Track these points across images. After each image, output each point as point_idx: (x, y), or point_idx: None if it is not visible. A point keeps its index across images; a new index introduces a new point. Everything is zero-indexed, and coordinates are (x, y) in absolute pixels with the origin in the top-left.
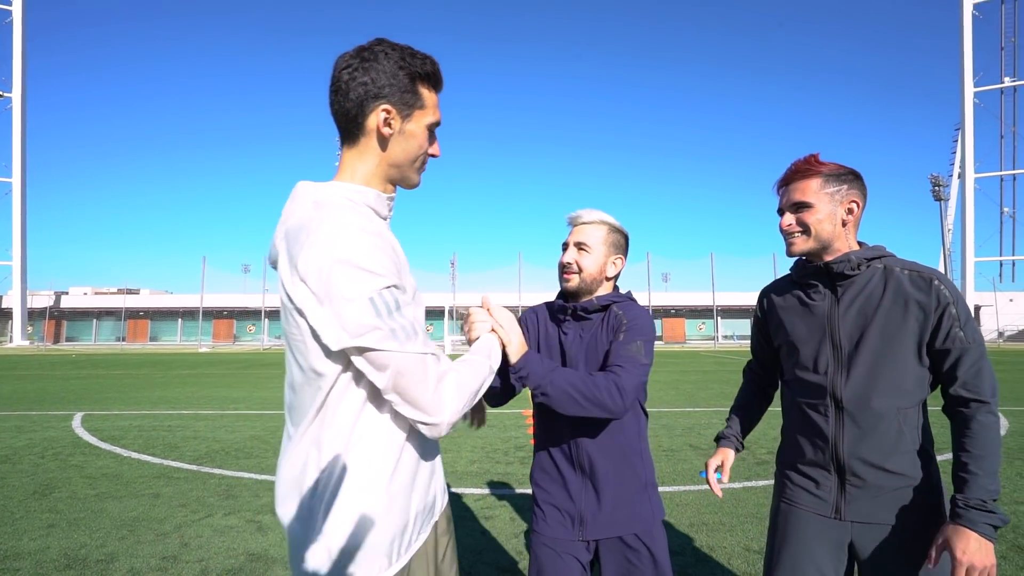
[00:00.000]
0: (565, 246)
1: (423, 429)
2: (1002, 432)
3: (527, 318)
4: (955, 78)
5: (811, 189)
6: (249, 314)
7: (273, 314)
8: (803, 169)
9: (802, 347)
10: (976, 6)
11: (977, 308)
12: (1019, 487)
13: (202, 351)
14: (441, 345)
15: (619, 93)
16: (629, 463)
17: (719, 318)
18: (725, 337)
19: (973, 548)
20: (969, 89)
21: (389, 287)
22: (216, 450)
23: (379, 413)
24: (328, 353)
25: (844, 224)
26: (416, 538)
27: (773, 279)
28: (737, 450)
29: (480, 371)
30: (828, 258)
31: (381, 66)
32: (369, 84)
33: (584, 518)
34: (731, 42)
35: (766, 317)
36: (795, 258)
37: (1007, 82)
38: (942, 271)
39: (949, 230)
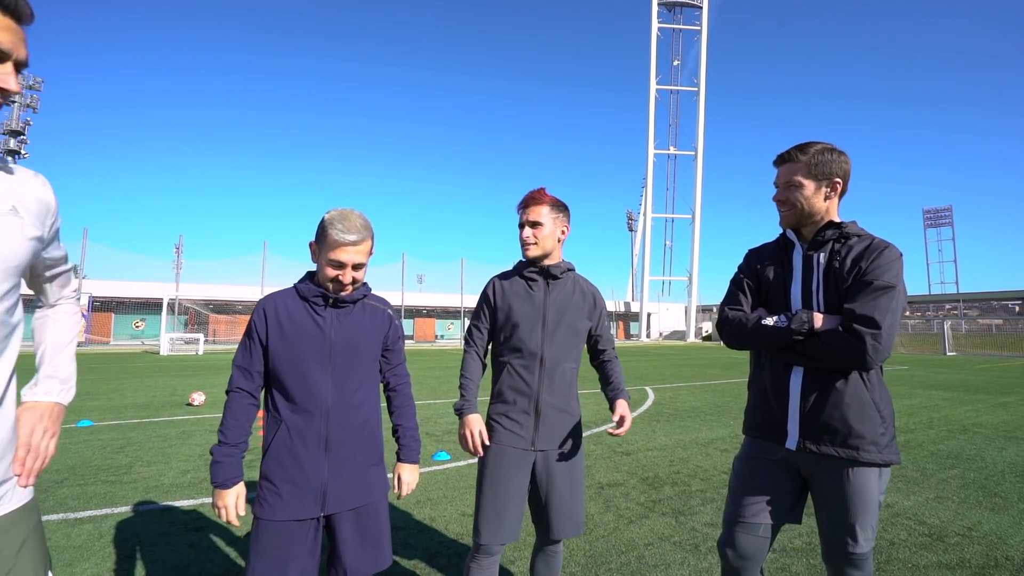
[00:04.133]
0: (341, 265)
1: None
2: (647, 404)
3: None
4: (644, 142)
5: (542, 213)
6: None
7: None
8: (536, 197)
9: (522, 323)
10: (658, 91)
11: (649, 315)
12: (653, 439)
13: None
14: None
15: (367, 92)
16: (372, 437)
17: (466, 319)
18: None
19: (626, 408)
20: (651, 151)
21: None
22: None
23: None
24: None
25: (559, 241)
26: None
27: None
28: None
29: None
30: (547, 263)
31: None
32: None
33: (327, 493)
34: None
35: (495, 300)
36: (525, 258)
37: (672, 150)
38: (630, 286)
39: (637, 255)
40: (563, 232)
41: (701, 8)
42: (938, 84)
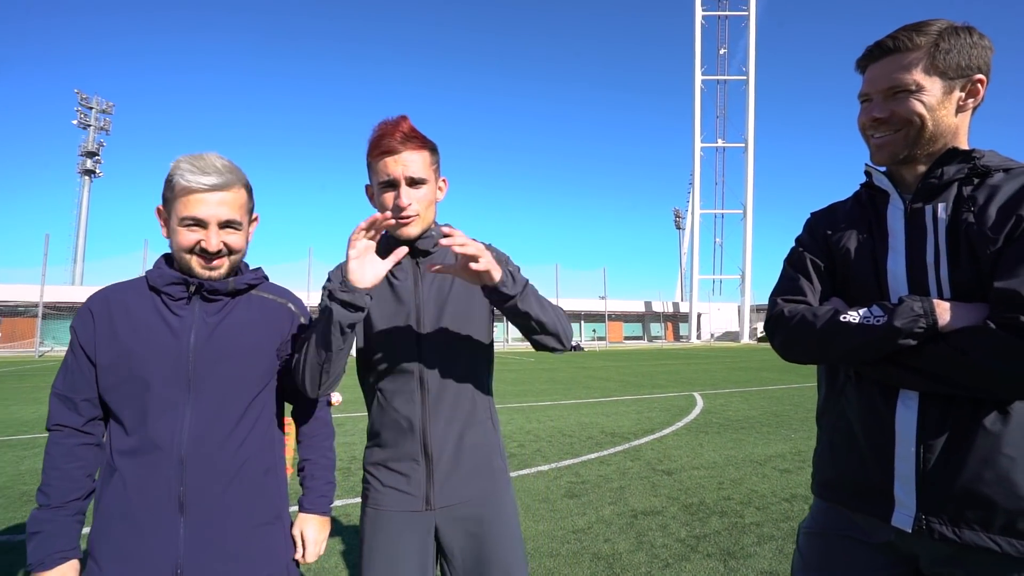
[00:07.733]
0: (199, 224)
1: None
2: (695, 412)
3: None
4: (689, 136)
5: (422, 163)
6: None
7: None
8: (412, 136)
9: (385, 326)
10: (704, 81)
11: (699, 315)
12: (699, 455)
13: None
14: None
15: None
16: (260, 487)
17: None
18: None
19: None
20: (698, 145)
21: None
22: None
23: None
24: None
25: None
26: None
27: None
28: None
29: None
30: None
31: None
32: None
33: (183, 572)
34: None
35: None
36: (400, 236)
37: (720, 143)
38: (679, 286)
39: (685, 253)
40: (441, 188)
41: None
42: None
